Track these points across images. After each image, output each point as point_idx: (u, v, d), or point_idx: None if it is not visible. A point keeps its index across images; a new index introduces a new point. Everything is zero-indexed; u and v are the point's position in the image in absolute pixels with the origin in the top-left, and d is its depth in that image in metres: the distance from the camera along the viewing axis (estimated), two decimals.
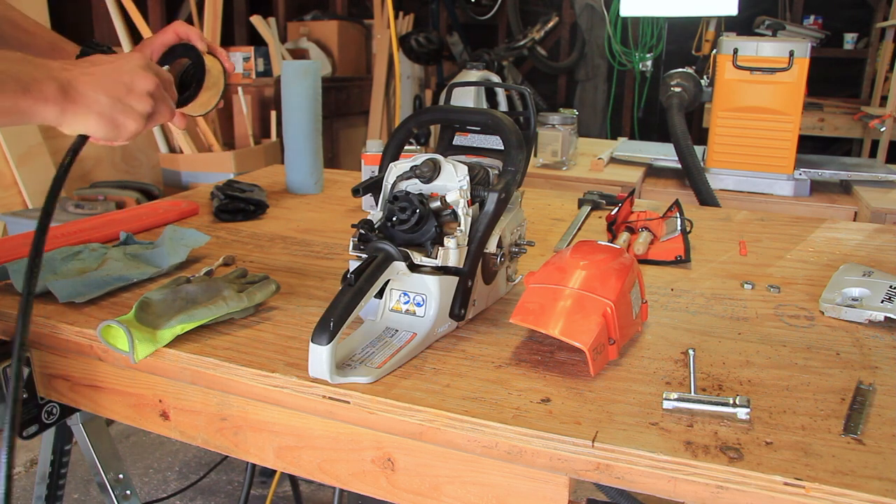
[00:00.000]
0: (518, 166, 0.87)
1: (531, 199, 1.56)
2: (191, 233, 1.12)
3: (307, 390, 0.74)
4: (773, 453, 0.62)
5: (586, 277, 0.80)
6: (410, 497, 0.75)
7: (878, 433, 0.65)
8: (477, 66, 2.31)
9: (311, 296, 0.97)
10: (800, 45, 1.87)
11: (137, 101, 0.70)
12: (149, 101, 0.71)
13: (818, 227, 1.38)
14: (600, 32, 5.04)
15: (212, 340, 0.83)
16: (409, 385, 0.74)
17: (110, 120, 0.68)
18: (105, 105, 0.67)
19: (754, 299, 0.99)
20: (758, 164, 1.98)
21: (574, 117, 2.18)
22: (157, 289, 0.90)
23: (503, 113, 0.90)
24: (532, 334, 0.85)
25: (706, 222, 1.41)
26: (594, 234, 1.33)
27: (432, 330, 0.82)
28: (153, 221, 1.29)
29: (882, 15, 4.59)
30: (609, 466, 0.64)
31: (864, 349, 0.84)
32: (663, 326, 0.89)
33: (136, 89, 0.69)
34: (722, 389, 0.73)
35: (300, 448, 0.79)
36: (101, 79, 0.68)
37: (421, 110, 0.92)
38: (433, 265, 0.81)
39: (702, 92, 2.13)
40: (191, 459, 2.31)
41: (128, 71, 0.70)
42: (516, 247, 0.95)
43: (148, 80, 0.71)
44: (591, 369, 0.75)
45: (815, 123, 3.99)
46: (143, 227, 1.26)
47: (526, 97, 0.94)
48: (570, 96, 5.41)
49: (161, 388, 0.86)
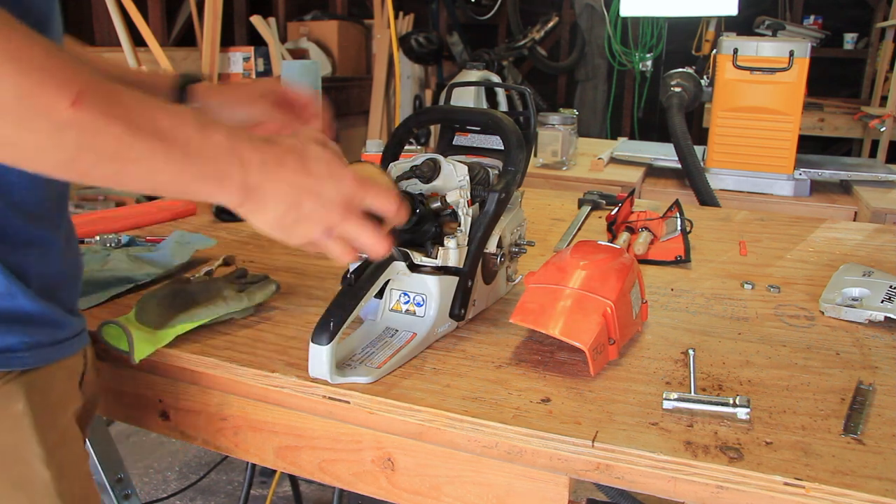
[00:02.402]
0: (518, 166, 0.87)
1: (531, 199, 1.56)
2: (198, 237, 1.12)
3: (307, 390, 0.74)
4: (773, 453, 0.62)
5: (586, 277, 0.80)
6: (410, 497, 0.75)
7: (878, 433, 0.65)
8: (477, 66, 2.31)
9: (311, 296, 0.98)
10: (800, 45, 1.87)
11: (321, 214, 0.61)
12: (337, 214, 0.62)
13: (818, 227, 1.38)
14: (600, 32, 5.04)
15: (212, 340, 0.83)
16: (409, 385, 0.74)
17: (282, 229, 0.62)
18: (281, 212, 0.60)
19: (754, 299, 0.99)
20: (758, 164, 1.98)
21: (574, 117, 2.18)
22: (158, 289, 0.90)
23: (503, 113, 0.90)
24: (532, 334, 0.85)
25: (706, 222, 1.41)
26: (594, 234, 1.33)
27: (432, 330, 0.82)
28: (148, 220, 1.30)
29: (882, 15, 4.59)
30: (609, 466, 0.64)
31: (864, 349, 0.84)
32: (663, 326, 0.89)
33: (324, 197, 0.61)
34: (722, 389, 0.73)
35: (300, 448, 0.79)
36: (287, 175, 0.60)
37: (421, 110, 0.92)
38: (433, 265, 0.81)
39: (702, 92, 2.13)
40: (191, 459, 2.31)
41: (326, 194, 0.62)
42: (516, 247, 0.95)
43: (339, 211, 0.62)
44: (591, 369, 0.75)
45: (815, 123, 3.99)
46: (135, 225, 1.27)
47: (526, 97, 0.94)
48: (570, 96, 5.41)
49: (161, 388, 0.86)
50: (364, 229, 0.64)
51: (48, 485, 0.64)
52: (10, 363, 0.61)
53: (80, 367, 0.72)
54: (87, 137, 0.50)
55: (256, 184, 0.59)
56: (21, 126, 0.48)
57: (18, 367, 0.62)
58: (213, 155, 0.57)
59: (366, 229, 0.64)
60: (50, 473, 0.64)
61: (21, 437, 0.62)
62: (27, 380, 0.62)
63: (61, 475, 0.65)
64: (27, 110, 0.47)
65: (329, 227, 0.63)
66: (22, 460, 0.63)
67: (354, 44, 4.78)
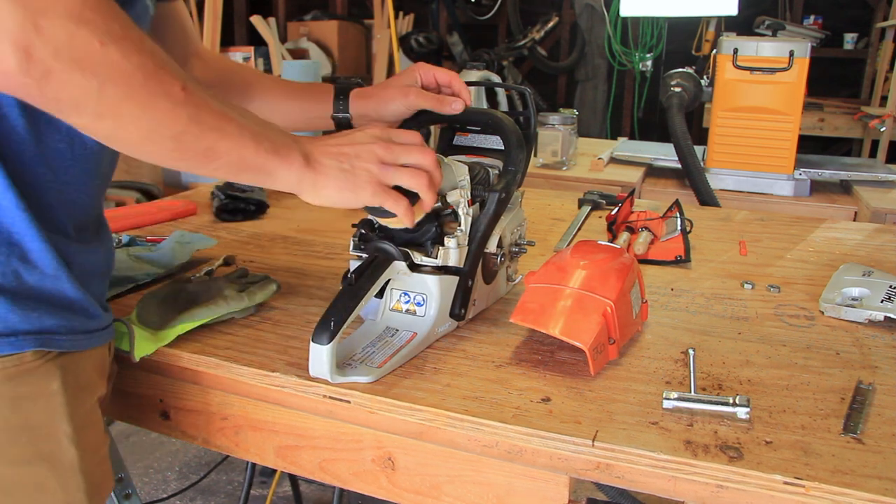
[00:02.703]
0: (518, 166, 0.87)
1: (531, 199, 1.56)
2: (198, 237, 1.12)
3: (308, 390, 0.74)
4: (772, 452, 0.62)
5: (586, 277, 0.80)
6: (411, 496, 0.75)
7: (878, 433, 0.65)
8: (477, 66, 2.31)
9: (312, 295, 0.98)
10: (800, 45, 1.87)
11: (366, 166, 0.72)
12: (377, 165, 0.72)
13: (818, 227, 1.38)
14: (600, 32, 5.04)
15: (212, 340, 0.83)
16: (409, 384, 0.74)
17: (345, 184, 0.71)
18: (339, 171, 0.71)
19: (754, 299, 1.00)
20: (758, 164, 1.98)
21: (574, 117, 2.18)
22: (158, 288, 0.90)
23: (503, 113, 0.90)
24: (532, 334, 0.85)
25: (706, 222, 1.41)
26: (594, 234, 1.33)
27: (432, 329, 0.82)
28: (149, 220, 1.30)
29: (882, 15, 4.59)
30: (609, 466, 0.65)
31: (864, 349, 0.84)
32: (663, 326, 0.90)
33: (363, 155, 0.72)
34: (722, 389, 0.73)
35: (301, 447, 0.79)
36: (334, 149, 0.72)
37: (421, 110, 0.92)
38: (433, 265, 0.81)
39: (702, 92, 2.13)
40: (191, 459, 2.31)
41: (357, 140, 0.73)
42: (516, 247, 0.96)
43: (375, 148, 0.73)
44: (592, 369, 0.75)
45: (815, 123, 3.99)
46: (135, 225, 1.27)
47: (526, 97, 0.94)
48: (570, 96, 5.41)
49: (162, 388, 0.86)
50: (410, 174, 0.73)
51: (74, 462, 0.68)
52: (50, 344, 0.65)
53: (106, 359, 0.76)
54: (195, 112, 0.61)
55: (313, 153, 0.71)
56: (146, 103, 0.58)
57: (57, 348, 0.66)
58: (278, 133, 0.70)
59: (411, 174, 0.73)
60: (76, 452, 0.68)
61: (53, 414, 0.67)
62: (62, 362, 0.67)
63: (85, 455, 0.69)
64: (152, 90, 0.58)
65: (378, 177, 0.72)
66: (52, 437, 0.67)
67: (354, 44, 4.78)
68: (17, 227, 0.63)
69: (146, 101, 0.58)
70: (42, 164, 0.66)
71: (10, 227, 0.63)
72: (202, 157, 0.63)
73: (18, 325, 0.63)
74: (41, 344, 0.64)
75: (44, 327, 0.65)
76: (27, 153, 0.64)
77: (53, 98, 0.54)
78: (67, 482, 0.68)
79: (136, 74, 0.56)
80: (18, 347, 0.63)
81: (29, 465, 0.65)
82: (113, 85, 0.56)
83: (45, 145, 0.66)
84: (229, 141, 0.64)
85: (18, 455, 0.65)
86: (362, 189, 0.71)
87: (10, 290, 0.63)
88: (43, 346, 0.64)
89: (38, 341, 0.64)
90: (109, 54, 0.55)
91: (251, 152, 0.66)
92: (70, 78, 0.53)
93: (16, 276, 0.63)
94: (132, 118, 0.58)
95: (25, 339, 0.63)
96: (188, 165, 0.64)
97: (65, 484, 0.68)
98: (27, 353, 0.64)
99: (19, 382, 0.64)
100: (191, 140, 0.62)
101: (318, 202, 0.72)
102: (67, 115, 0.57)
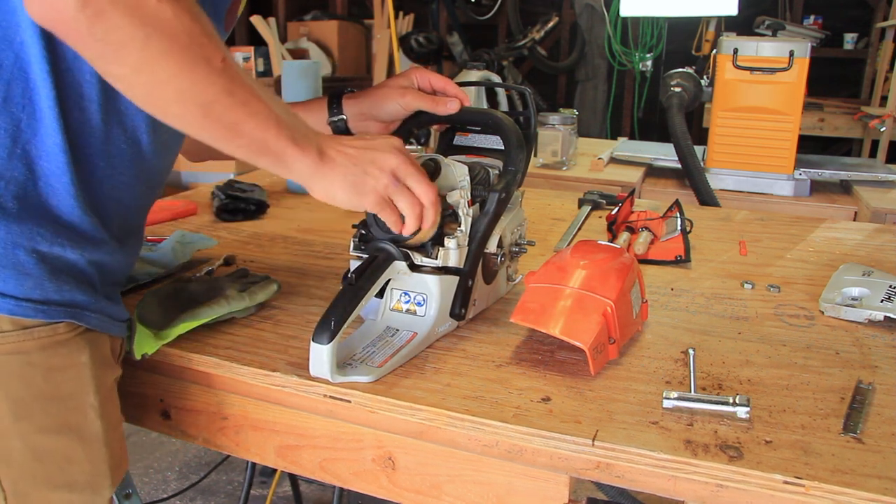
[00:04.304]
0: (518, 166, 0.87)
1: (531, 199, 1.56)
2: (199, 237, 1.12)
3: (308, 389, 0.74)
4: (772, 452, 0.62)
5: (586, 277, 0.80)
6: (411, 496, 0.75)
7: (878, 432, 0.65)
8: (477, 66, 2.31)
9: (312, 295, 0.98)
10: (800, 45, 1.87)
11: (378, 174, 0.72)
12: (389, 177, 0.73)
13: (818, 227, 1.38)
14: (600, 32, 5.04)
15: (213, 340, 0.83)
16: (409, 384, 0.74)
17: (352, 186, 0.72)
18: (350, 171, 0.71)
19: (754, 299, 1.00)
20: (758, 164, 1.98)
21: (574, 117, 2.18)
22: (159, 288, 0.90)
23: (503, 113, 0.90)
24: (532, 334, 0.86)
25: (706, 222, 1.41)
26: (594, 233, 1.33)
27: (433, 329, 0.82)
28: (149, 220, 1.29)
29: (882, 15, 4.59)
30: (609, 465, 0.65)
31: (864, 349, 0.84)
32: (663, 326, 0.90)
33: (378, 163, 0.73)
34: (722, 388, 0.73)
35: (301, 447, 0.80)
36: (351, 150, 0.73)
37: (419, 111, 0.92)
38: (434, 265, 0.81)
39: (702, 92, 2.13)
40: (191, 459, 2.31)
41: (377, 147, 0.74)
42: (517, 247, 0.96)
43: (392, 158, 0.74)
44: (592, 368, 0.75)
45: (815, 123, 3.99)
46: None
47: (526, 97, 0.94)
48: (570, 96, 5.41)
49: (162, 388, 0.86)
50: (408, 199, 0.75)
51: (99, 434, 0.72)
52: (80, 318, 0.69)
53: (118, 349, 0.78)
54: (229, 84, 0.62)
55: (327, 149, 0.71)
56: (185, 65, 0.60)
57: (86, 324, 0.70)
58: (300, 122, 0.70)
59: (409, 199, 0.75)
60: (101, 424, 0.72)
61: (82, 386, 0.70)
62: (90, 337, 0.71)
63: (108, 429, 0.73)
64: (194, 54, 0.60)
65: (385, 188, 0.73)
66: (80, 408, 0.70)
67: (354, 44, 4.78)
68: (66, 210, 0.68)
69: (186, 63, 0.59)
70: (103, 158, 0.70)
71: (60, 208, 0.67)
72: (227, 131, 0.65)
73: (53, 294, 0.66)
74: (72, 316, 0.68)
75: (76, 301, 0.68)
76: (94, 146, 0.69)
77: (101, 39, 0.56)
78: (93, 454, 0.71)
79: (182, 36, 0.58)
80: (51, 316, 0.66)
81: (58, 434, 0.69)
82: (159, 39, 0.57)
83: (110, 142, 0.71)
84: (255, 120, 0.65)
85: (49, 424, 0.68)
86: (367, 195, 0.72)
87: (51, 262, 0.66)
88: (74, 319, 0.68)
89: (69, 314, 0.68)
90: (162, 10, 0.57)
91: (273, 136, 0.67)
92: (121, 22, 0.56)
93: (60, 251, 0.67)
94: (169, 77, 0.60)
95: (57, 310, 0.67)
96: (212, 137, 0.65)
97: (91, 455, 0.71)
98: (60, 324, 0.67)
99: (53, 353, 0.67)
100: (220, 111, 0.63)
101: (324, 198, 0.72)
102: (109, 61, 0.59)
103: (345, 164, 0.72)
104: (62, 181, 0.67)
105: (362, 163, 0.72)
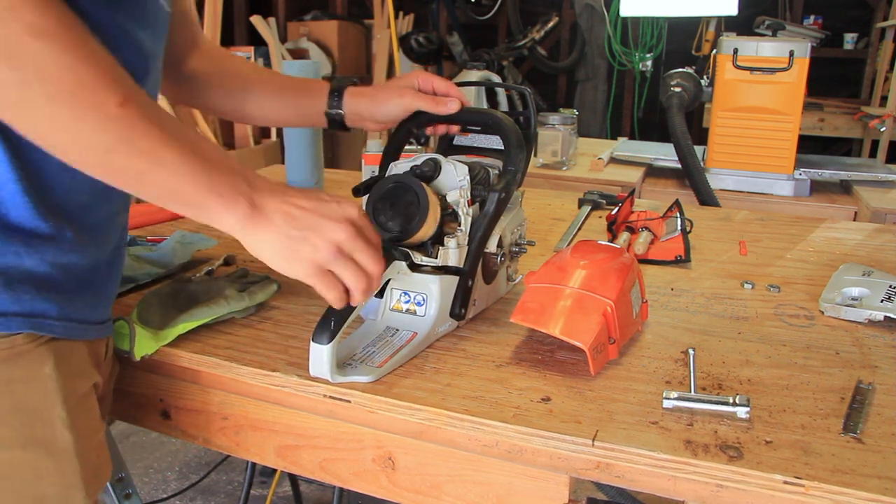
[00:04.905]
0: (518, 166, 0.87)
1: (531, 199, 1.56)
2: (199, 237, 1.12)
3: (308, 389, 0.74)
4: (772, 452, 0.62)
5: (586, 277, 0.80)
6: (411, 496, 0.75)
7: (878, 432, 0.65)
8: (477, 66, 2.31)
9: (312, 295, 0.97)
10: (800, 45, 1.87)
11: (319, 244, 0.65)
12: (330, 250, 0.65)
13: (818, 227, 1.38)
14: (600, 32, 5.04)
15: (213, 340, 0.83)
16: (409, 384, 0.74)
17: (285, 250, 0.65)
18: (284, 234, 0.65)
19: (754, 299, 1.00)
20: (758, 164, 1.98)
21: (574, 117, 2.18)
22: (159, 288, 0.90)
23: (503, 113, 0.90)
24: (532, 333, 0.86)
25: (706, 222, 1.41)
26: (594, 233, 1.33)
27: (433, 329, 0.82)
28: (149, 220, 1.30)
29: (882, 15, 4.59)
30: (609, 465, 0.65)
31: (864, 348, 0.84)
32: (663, 326, 0.90)
33: (322, 232, 0.65)
34: (722, 388, 0.73)
35: (301, 447, 0.80)
36: (294, 210, 0.65)
37: (418, 112, 0.92)
38: (433, 265, 0.81)
39: (702, 92, 2.13)
40: (191, 459, 2.31)
41: (326, 214, 0.66)
42: (516, 246, 0.96)
43: (340, 231, 0.66)
44: (592, 368, 0.75)
45: (815, 123, 3.99)
46: (135, 225, 1.27)
47: (526, 97, 0.94)
48: (570, 96, 5.41)
49: (162, 388, 0.86)
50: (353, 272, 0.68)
51: (69, 446, 0.68)
52: (42, 328, 0.65)
53: (101, 352, 0.76)
54: (127, 132, 0.57)
55: (262, 204, 0.65)
56: (71, 111, 0.55)
57: (49, 333, 0.66)
58: (227, 171, 0.64)
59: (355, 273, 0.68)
60: (71, 436, 0.68)
61: (47, 398, 0.66)
62: (55, 347, 0.67)
63: (80, 439, 0.69)
64: (80, 99, 0.55)
65: (324, 260, 0.66)
66: (47, 420, 0.66)
67: (354, 44, 4.78)
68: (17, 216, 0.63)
69: (73, 109, 0.55)
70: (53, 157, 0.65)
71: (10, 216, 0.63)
72: (133, 180, 0.60)
73: (10, 305, 0.63)
74: (32, 327, 0.64)
75: (36, 311, 0.64)
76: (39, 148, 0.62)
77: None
78: (64, 466, 0.68)
79: (66, 79, 0.54)
80: (8, 328, 0.63)
81: (23, 448, 0.65)
82: (39, 83, 0.53)
83: None
84: (163, 171, 0.60)
85: (13, 438, 0.65)
86: (299, 264, 0.66)
87: (4, 273, 0.62)
88: (34, 330, 0.64)
89: (28, 324, 0.64)
90: (40, 51, 0.52)
91: (188, 187, 0.61)
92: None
93: (14, 259, 0.63)
94: (56, 123, 0.55)
95: (15, 320, 0.63)
96: (121, 185, 0.61)
97: (61, 468, 0.68)
98: (18, 336, 0.64)
99: (12, 365, 0.64)
100: (119, 160, 0.58)
101: (254, 255, 0.66)
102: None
103: (281, 224, 0.65)
104: (8, 188, 0.62)
105: (303, 227, 0.65)
